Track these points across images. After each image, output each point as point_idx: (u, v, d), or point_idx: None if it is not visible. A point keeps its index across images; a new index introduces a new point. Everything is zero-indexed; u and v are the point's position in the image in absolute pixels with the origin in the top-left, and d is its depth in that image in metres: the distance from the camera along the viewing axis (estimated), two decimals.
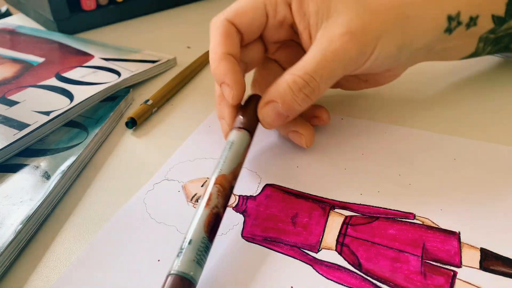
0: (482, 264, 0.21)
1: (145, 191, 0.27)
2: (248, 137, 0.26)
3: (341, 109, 0.34)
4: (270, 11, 0.29)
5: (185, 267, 0.19)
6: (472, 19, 0.30)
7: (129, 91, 0.37)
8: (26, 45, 0.46)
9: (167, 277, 0.19)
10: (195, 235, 0.21)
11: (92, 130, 0.32)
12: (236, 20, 0.28)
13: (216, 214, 0.22)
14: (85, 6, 0.52)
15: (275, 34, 0.30)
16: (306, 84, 0.26)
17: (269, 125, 0.27)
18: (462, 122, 0.32)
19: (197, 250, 0.20)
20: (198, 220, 0.21)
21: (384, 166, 0.28)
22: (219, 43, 0.28)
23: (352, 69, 0.27)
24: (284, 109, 0.26)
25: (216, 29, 0.28)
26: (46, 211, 0.25)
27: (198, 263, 0.20)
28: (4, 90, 0.36)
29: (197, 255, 0.20)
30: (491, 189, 0.26)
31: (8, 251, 0.22)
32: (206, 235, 0.21)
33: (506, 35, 0.33)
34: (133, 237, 0.24)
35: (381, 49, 0.27)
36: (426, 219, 0.24)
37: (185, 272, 0.19)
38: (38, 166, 0.28)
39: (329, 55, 0.26)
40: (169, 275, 0.19)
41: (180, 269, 0.19)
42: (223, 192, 0.23)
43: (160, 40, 0.49)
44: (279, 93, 0.26)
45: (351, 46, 0.26)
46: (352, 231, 0.24)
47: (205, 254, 0.20)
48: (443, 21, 0.29)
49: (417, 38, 0.29)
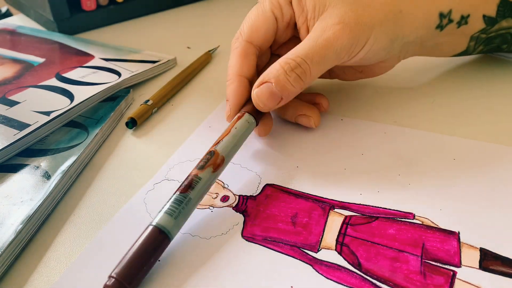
0: (481, 264, 0.22)
1: (145, 191, 0.27)
2: (252, 120, 0.28)
3: (341, 109, 0.34)
4: (278, 16, 0.31)
5: (155, 219, 0.22)
6: (463, 17, 0.31)
7: (129, 91, 0.37)
8: (27, 45, 0.46)
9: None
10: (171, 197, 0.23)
11: (92, 130, 0.32)
12: (253, 38, 0.31)
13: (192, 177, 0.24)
14: (85, 7, 0.52)
15: (283, 35, 0.32)
16: (298, 65, 0.27)
17: (263, 104, 0.28)
18: (462, 122, 0.32)
19: (168, 204, 0.23)
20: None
21: (384, 166, 0.28)
22: (236, 64, 0.30)
23: (345, 57, 0.28)
24: (277, 89, 0.27)
25: (235, 49, 0.31)
26: (47, 211, 0.26)
27: (168, 213, 0.22)
28: (4, 90, 0.36)
29: (166, 208, 0.23)
30: (491, 189, 0.26)
31: (9, 251, 0.22)
32: (177, 193, 0.23)
33: (498, 36, 0.34)
34: (133, 237, 0.24)
35: (374, 40, 0.28)
36: (426, 219, 0.24)
37: (158, 224, 0.22)
38: (39, 166, 0.28)
39: (321, 42, 0.27)
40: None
41: (152, 223, 0.22)
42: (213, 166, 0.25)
43: (160, 40, 0.50)
44: (272, 73, 0.27)
45: (343, 34, 0.27)
46: (351, 231, 0.24)
47: (176, 206, 0.22)
48: (435, 18, 0.31)
49: (409, 32, 0.30)
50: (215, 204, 0.26)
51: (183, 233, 0.24)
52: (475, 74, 0.38)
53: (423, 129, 0.31)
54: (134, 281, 0.20)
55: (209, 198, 0.26)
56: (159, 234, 0.21)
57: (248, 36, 0.31)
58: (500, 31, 0.33)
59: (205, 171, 0.24)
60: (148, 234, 0.21)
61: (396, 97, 0.36)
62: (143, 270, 0.21)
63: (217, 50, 0.46)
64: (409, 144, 0.30)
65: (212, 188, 0.27)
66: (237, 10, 0.56)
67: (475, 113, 0.33)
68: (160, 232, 0.21)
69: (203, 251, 0.23)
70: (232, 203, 0.26)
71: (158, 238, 0.21)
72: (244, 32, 0.31)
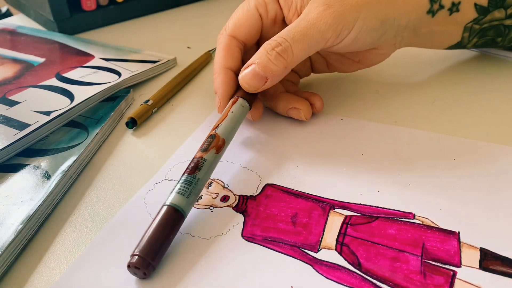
0: (481, 263, 0.22)
1: (145, 191, 0.27)
2: (246, 104, 0.30)
3: (341, 109, 0.34)
4: (262, 13, 0.31)
5: (169, 199, 0.23)
6: (454, 4, 0.32)
7: (130, 91, 0.37)
8: (27, 45, 0.46)
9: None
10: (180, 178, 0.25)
11: (92, 130, 0.32)
12: (236, 33, 0.32)
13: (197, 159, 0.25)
14: (85, 7, 0.52)
15: (270, 31, 0.32)
16: (278, 44, 0.28)
17: (249, 85, 0.29)
18: (462, 122, 0.32)
19: (179, 185, 0.24)
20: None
21: (384, 166, 0.28)
22: (221, 57, 0.31)
23: (332, 37, 0.29)
24: (260, 69, 0.28)
25: (219, 44, 0.32)
26: (47, 211, 0.26)
27: (180, 193, 0.23)
28: (4, 90, 0.36)
29: (177, 189, 0.24)
30: (490, 189, 0.26)
31: (9, 251, 0.22)
32: (185, 174, 0.25)
33: (491, 27, 0.34)
34: (133, 237, 0.24)
35: (364, 22, 0.29)
36: (426, 219, 0.24)
37: (173, 203, 0.23)
38: (39, 166, 0.28)
39: (303, 22, 0.28)
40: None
41: (166, 203, 0.23)
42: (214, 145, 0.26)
43: (160, 40, 0.50)
44: (255, 56, 0.29)
45: (326, 15, 0.28)
46: (352, 231, 0.24)
47: (187, 186, 0.24)
48: (425, 1, 0.31)
49: (399, 14, 0.30)
50: (215, 204, 0.26)
51: (183, 233, 0.24)
52: (475, 74, 0.38)
53: (423, 129, 0.31)
54: (156, 257, 0.21)
55: (209, 198, 0.26)
56: (174, 212, 0.23)
57: (231, 31, 0.32)
58: (493, 22, 0.34)
59: (209, 153, 0.26)
60: (164, 213, 0.23)
61: (396, 97, 0.36)
62: (163, 247, 0.22)
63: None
64: (409, 144, 0.30)
65: (212, 188, 0.27)
66: None
67: (475, 113, 0.33)
68: (175, 210, 0.23)
69: (203, 251, 0.23)
70: (232, 203, 0.26)
71: (174, 216, 0.23)
72: (228, 27, 0.32)
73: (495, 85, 0.37)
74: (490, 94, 0.35)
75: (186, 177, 0.24)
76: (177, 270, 0.22)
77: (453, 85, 0.37)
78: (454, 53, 0.42)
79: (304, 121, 0.32)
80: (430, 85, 0.37)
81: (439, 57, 0.41)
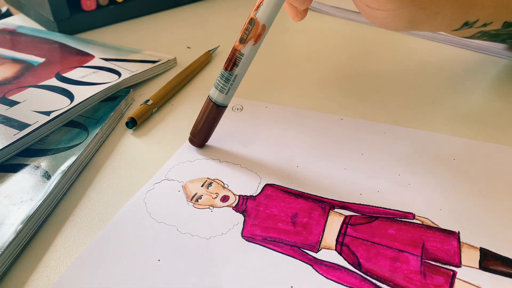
0: (481, 263, 0.22)
1: (145, 191, 0.27)
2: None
3: (341, 109, 0.34)
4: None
5: (214, 97, 0.29)
6: (485, 25, 0.31)
7: (130, 91, 0.37)
8: (27, 45, 0.46)
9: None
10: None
11: (92, 130, 0.32)
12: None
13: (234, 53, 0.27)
14: (85, 7, 0.52)
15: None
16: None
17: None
18: (462, 122, 0.32)
19: (217, 81, 0.28)
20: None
21: (384, 166, 0.28)
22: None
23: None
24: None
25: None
26: (47, 211, 0.26)
27: (218, 89, 0.28)
28: (4, 90, 0.36)
29: (217, 84, 0.28)
30: (490, 189, 0.26)
31: (9, 251, 0.22)
32: (223, 69, 0.28)
33: (505, 34, 0.34)
34: (133, 237, 0.24)
35: (400, 13, 0.27)
36: (426, 219, 0.24)
37: (216, 100, 0.29)
38: (39, 166, 0.28)
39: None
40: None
41: (211, 99, 0.29)
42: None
43: (160, 40, 0.50)
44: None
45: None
46: (351, 231, 0.24)
47: (226, 83, 0.28)
48: (457, 25, 0.30)
49: (427, 28, 0.30)
50: (215, 204, 0.26)
51: (183, 233, 0.24)
52: (475, 74, 0.38)
53: (423, 129, 0.31)
54: (206, 139, 0.31)
55: (209, 198, 0.26)
56: (217, 107, 0.29)
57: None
58: (510, 31, 0.33)
59: (247, 46, 0.27)
60: (210, 109, 0.29)
61: (396, 97, 0.36)
62: (211, 132, 0.30)
63: (217, 50, 0.46)
64: (409, 144, 0.30)
65: (212, 188, 0.27)
66: (237, 10, 0.56)
67: (475, 113, 0.33)
68: (217, 106, 0.29)
69: (203, 251, 0.23)
70: (232, 203, 0.26)
71: (217, 110, 0.29)
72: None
73: (495, 85, 0.37)
74: (490, 94, 0.35)
75: (225, 73, 0.27)
76: (177, 270, 0.22)
77: (453, 85, 0.37)
78: (454, 54, 0.42)
79: (304, 120, 0.32)
80: (430, 85, 0.37)
81: (439, 57, 0.41)
